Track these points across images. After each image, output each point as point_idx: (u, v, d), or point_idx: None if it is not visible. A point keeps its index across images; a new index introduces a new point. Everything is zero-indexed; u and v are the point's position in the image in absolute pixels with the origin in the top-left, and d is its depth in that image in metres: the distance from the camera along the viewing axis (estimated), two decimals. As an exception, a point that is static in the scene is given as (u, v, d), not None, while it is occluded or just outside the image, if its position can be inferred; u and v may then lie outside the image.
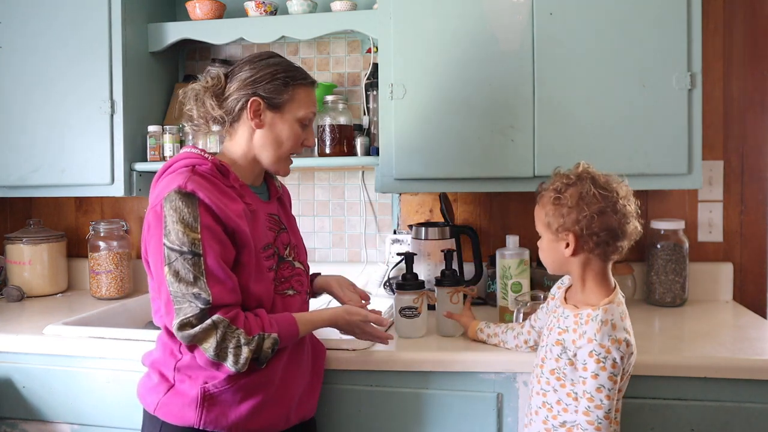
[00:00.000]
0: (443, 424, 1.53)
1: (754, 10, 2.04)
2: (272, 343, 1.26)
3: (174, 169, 1.32)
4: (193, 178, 1.26)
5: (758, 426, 1.43)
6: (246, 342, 1.22)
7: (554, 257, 1.30)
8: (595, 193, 1.22)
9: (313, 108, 1.42)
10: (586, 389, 1.20)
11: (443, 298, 1.67)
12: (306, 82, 1.41)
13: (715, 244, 2.09)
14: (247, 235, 1.28)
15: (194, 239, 1.21)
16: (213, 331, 1.20)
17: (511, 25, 1.77)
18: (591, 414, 1.19)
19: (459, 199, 2.20)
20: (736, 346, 1.54)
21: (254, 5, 2.05)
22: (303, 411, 1.43)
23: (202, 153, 1.34)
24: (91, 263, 2.24)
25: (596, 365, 1.18)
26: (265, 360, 1.27)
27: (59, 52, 2.03)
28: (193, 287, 1.21)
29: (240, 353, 1.22)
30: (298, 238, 1.53)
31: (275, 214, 1.44)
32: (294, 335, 1.31)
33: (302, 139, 1.42)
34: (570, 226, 1.23)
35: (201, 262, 1.21)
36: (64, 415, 1.71)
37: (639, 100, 1.73)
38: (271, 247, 1.37)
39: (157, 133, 2.08)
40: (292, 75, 1.38)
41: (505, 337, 1.55)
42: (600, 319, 1.22)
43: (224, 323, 1.21)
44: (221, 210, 1.25)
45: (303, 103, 1.39)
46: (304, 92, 1.40)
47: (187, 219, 1.22)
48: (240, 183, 1.35)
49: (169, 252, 1.22)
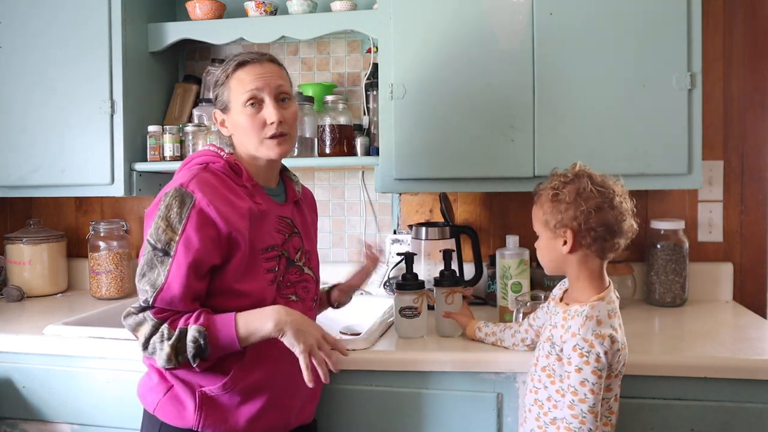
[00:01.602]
0: (443, 424, 1.53)
1: (754, 10, 2.04)
2: (195, 334, 1.19)
3: (190, 165, 1.35)
4: (200, 176, 1.27)
5: (758, 426, 1.43)
6: (168, 337, 1.21)
7: (552, 256, 1.31)
8: (593, 189, 1.24)
9: (253, 84, 1.32)
10: (570, 383, 1.21)
11: (440, 298, 1.67)
12: (237, 62, 1.34)
13: (715, 244, 2.09)
14: (243, 236, 1.27)
15: (170, 239, 1.23)
16: (142, 326, 1.23)
17: (511, 24, 1.77)
18: (575, 408, 1.20)
19: (459, 199, 2.20)
20: (736, 346, 1.54)
21: (254, 5, 2.05)
22: (303, 416, 1.43)
23: (218, 151, 1.36)
24: (91, 263, 2.24)
25: (580, 359, 1.20)
26: (198, 355, 1.20)
27: (59, 52, 2.03)
28: (147, 282, 1.23)
29: (163, 347, 1.21)
30: (313, 245, 1.51)
31: (288, 218, 1.41)
32: (229, 327, 1.22)
33: (262, 119, 1.33)
34: (568, 222, 1.24)
35: (168, 262, 1.22)
36: (64, 415, 1.71)
37: (639, 100, 1.73)
38: (277, 249, 1.35)
39: (157, 133, 2.08)
40: (227, 67, 1.36)
41: (502, 335, 1.55)
42: (585, 315, 1.24)
43: (153, 321, 1.23)
44: (219, 211, 1.25)
45: (240, 85, 1.33)
46: (238, 75, 1.33)
47: (172, 219, 1.23)
48: (253, 183, 1.35)
49: (147, 243, 1.25)
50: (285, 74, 1.39)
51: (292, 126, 1.38)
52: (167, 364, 1.22)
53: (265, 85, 1.33)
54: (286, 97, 1.37)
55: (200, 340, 1.20)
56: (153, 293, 1.22)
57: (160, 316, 1.23)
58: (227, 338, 1.22)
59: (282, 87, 1.36)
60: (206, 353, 1.21)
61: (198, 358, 1.21)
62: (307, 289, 1.43)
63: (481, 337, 1.59)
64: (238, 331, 1.22)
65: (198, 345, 1.20)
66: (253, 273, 1.30)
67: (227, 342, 1.22)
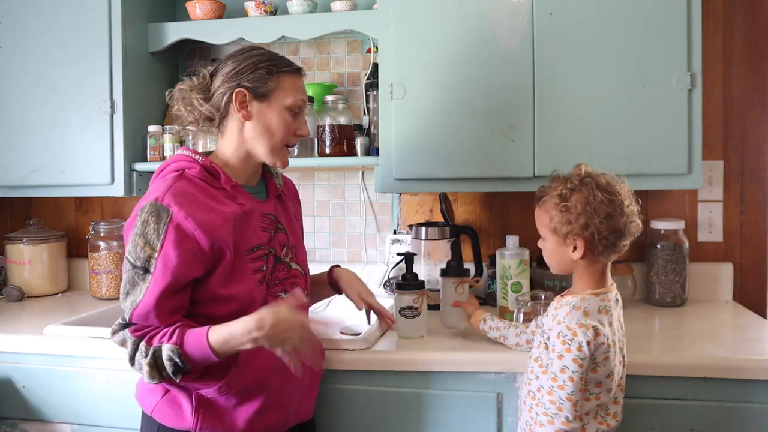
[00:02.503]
0: (443, 424, 1.53)
1: (754, 10, 2.04)
2: (170, 353, 1.18)
3: (164, 173, 1.31)
4: (175, 187, 1.24)
5: (758, 426, 1.43)
6: (146, 354, 1.20)
7: (560, 260, 1.32)
8: (603, 198, 1.24)
9: (301, 95, 1.37)
10: (552, 369, 1.23)
11: (449, 288, 1.67)
12: (291, 70, 1.37)
13: (715, 244, 2.09)
14: (227, 243, 1.25)
15: (149, 256, 1.21)
16: (125, 343, 1.24)
17: (511, 24, 1.77)
18: (554, 393, 1.22)
19: (459, 199, 2.20)
20: (736, 346, 1.54)
21: (254, 5, 2.05)
22: (301, 414, 1.43)
23: (193, 155, 1.32)
24: (91, 263, 2.24)
25: (562, 346, 1.22)
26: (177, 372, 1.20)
27: (59, 52, 2.03)
28: (127, 300, 1.22)
29: (143, 365, 1.21)
30: (299, 238, 1.50)
31: (271, 214, 1.40)
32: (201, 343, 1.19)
33: (294, 129, 1.37)
34: (579, 231, 1.25)
35: (147, 278, 1.21)
36: (64, 415, 1.71)
37: (639, 100, 1.73)
38: (263, 248, 1.34)
39: (157, 133, 2.08)
40: (275, 63, 1.35)
41: (507, 333, 1.54)
42: (573, 305, 1.26)
43: (132, 339, 1.22)
44: (199, 222, 1.22)
45: (290, 90, 1.35)
46: (290, 80, 1.36)
47: (149, 236, 1.21)
48: (232, 184, 1.32)
49: (126, 262, 1.24)
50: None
51: None
52: (152, 380, 1.22)
53: (306, 101, 1.40)
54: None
55: (175, 358, 1.19)
56: (130, 311, 1.22)
57: (138, 334, 1.22)
58: (201, 354, 1.20)
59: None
60: (186, 368, 1.20)
61: (179, 374, 1.21)
62: (295, 284, 1.41)
63: (485, 330, 1.58)
64: (211, 346, 1.19)
65: (174, 363, 1.19)
66: (239, 276, 1.28)
67: (202, 357, 1.20)
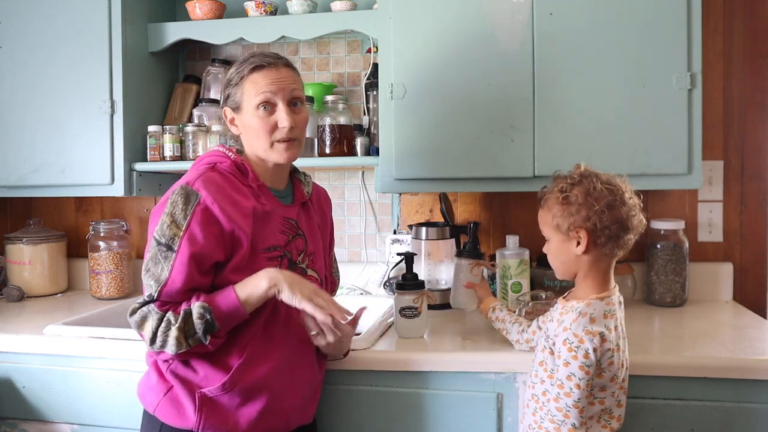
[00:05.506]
0: (443, 424, 1.53)
1: (754, 9, 2.04)
2: (201, 310, 1.23)
3: (198, 165, 1.38)
4: (206, 175, 1.30)
5: (758, 426, 1.43)
6: (174, 321, 1.23)
7: (564, 258, 1.30)
8: (602, 188, 1.24)
9: (268, 87, 1.33)
10: (558, 376, 1.22)
11: (464, 269, 1.68)
12: (254, 65, 1.34)
13: (715, 244, 2.09)
14: (245, 234, 1.29)
15: (174, 235, 1.25)
16: (147, 320, 1.25)
17: (511, 24, 1.77)
18: (560, 401, 1.22)
19: (459, 199, 2.20)
20: (736, 346, 1.54)
21: (254, 5, 2.05)
22: (304, 417, 1.43)
23: (227, 151, 1.39)
24: (91, 263, 2.24)
25: (568, 353, 1.21)
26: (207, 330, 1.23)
27: (59, 52, 2.03)
28: (152, 277, 1.26)
29: (171, 333, 1.23)
30: (318, 247, 1.49)
31: (293, 219, 1.42)
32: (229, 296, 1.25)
33: (273, 122, 1.34)
34: (581, 222, 1.24)
35: (171, 257, 1.25)
36: (64, 415, 1.71)
37: (639, 100, 1.73)
38: (279, 250, 1.36)
39: (157, 133, 2.08)
40: (242, 69, 1.36)
41: (510, 327, 1.54)
42: (579, 311, 1.25)
43: (157, 313, 1.25)
44: (223, 209, 1.27)
45: (254, 89, 1.33)
46: (255, 77, 1.34)
47: (177, 215, 1.26)
48: (258, 183, 1.37)
49: (152, 239, 1.28)
50: (299, 79, 1.41)
51: (302, 131, 1.40)
52: (179, 349, 1.23)
53: (279, 90, 1.34)
54: (298, 101, 1.38)
55: (206, 315, 1.23)
56: (157, 288, 1.25)
57: (164, 308, 1.25)
58: (230, 306, 1.25)
59: (295, 92, 1.37)
60: (215, 327, 1.24)
61: (208, 333, 1.24)
62: None
63: (492, 319, 1.59)
64: (238, 296, 1.26)
65: (205, 320, 1.23)
66: (253, 272, 1.31)
67: (231, 309, 1.25)
